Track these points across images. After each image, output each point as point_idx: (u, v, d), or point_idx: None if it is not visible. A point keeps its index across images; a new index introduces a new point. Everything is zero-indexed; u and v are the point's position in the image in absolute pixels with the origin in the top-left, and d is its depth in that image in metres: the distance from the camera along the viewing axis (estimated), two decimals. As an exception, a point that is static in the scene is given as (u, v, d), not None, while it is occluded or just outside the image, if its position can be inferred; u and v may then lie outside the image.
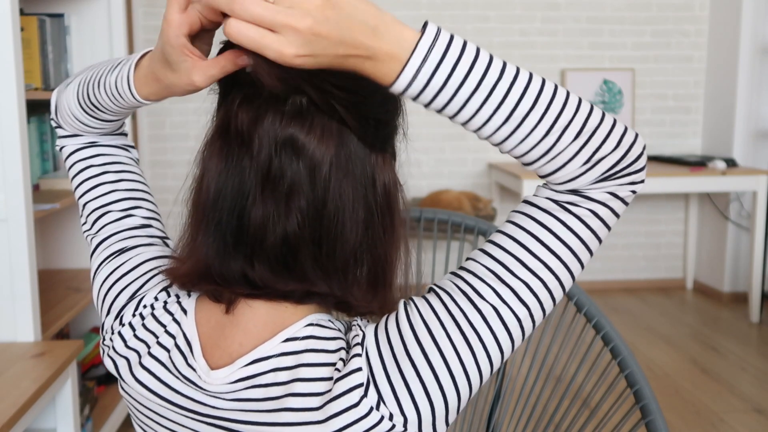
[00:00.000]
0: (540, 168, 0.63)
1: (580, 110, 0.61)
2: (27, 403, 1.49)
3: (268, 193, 0.63)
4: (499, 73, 0.59)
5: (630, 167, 0.63)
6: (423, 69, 0.57)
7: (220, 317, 0.69)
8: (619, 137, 0.62)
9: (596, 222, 0.64)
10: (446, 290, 0.65)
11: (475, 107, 0.58)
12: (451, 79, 0.57)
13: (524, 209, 0.66)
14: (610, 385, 1.07)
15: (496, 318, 0.63)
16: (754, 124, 3.93)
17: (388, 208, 0.68)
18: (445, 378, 0.62)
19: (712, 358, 3.19)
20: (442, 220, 1.26)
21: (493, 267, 0.64)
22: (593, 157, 0.61)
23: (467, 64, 0.57)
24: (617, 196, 0.64)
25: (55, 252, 2.57)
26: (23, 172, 1.75)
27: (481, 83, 0.58)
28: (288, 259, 0.64)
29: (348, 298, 0.67)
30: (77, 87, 0.78)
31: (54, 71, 2.30)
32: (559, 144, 0.60)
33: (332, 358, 0.64)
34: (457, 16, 4.03)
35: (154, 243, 0.79)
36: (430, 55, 0.56)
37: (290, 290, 0.66)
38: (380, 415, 0.62)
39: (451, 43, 0.57)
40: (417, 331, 0.63)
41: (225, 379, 0.66)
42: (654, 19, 4.16)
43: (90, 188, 0.81)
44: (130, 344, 0.71)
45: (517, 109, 0.59)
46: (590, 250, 0.65)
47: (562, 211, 0.64)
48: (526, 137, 0.60)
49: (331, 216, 0.64)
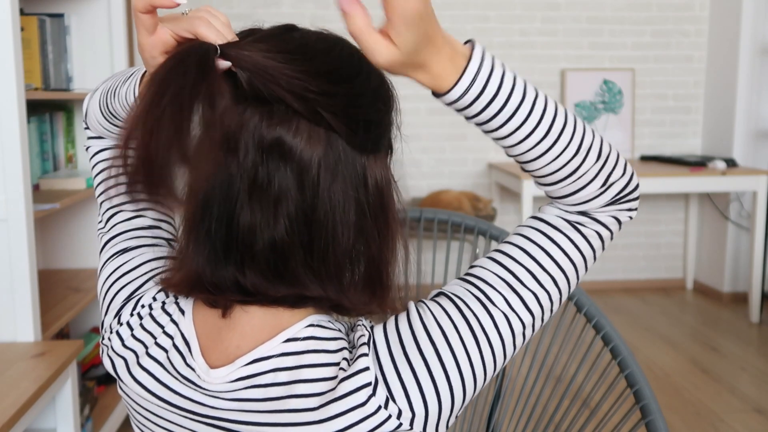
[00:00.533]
0: (561, 188, 0.67)
1: (595, 137, 0.67)
2: (27, 403, 1.49)
3: (256, 200, 0.62)
4: (535, 90, 0.64)
5: (632, 193, 0.70)
6: (478, 77, 0.61)
7: (217, 320, 0.68)
8: (624, 163, 0.69)
9: (598, 242, 0.70)
10: (458, 295, 0.67)
11: (520, 120, 0.62)
12: (501, 90, 0.61)
13: (535, 224, 0.70)
14: (610, 385, 1.07)
15: (505, 324, 0.66)
16: (754, 124, 3.93)
17: (381, 208, 0.67)
18: (455, 376, 0.64)
19: (712, 358, 3.19)
20: (442, 220, 1.26)
21: (505, 276, 0.67)
22: (608, 181, 0.67)
23: (511, 78, 0.62)
24: (618, 220, 0.70)
25: (55, 252, 2.57)
26: (23, 172, 1.75)
27: (525, 96, 0.62)
28: (279, 265, 0.64)
29: (343, 301, 0.67)
30: (101, 94, 0.81)
31: (54, 71, 2.30)
32: (584, 164, 0.65)
33: (334, 358, 0.64)
34: (457, 16, 4.03)
35: (159, 244, 0.79)
36: (483, 64, 0.61)
37: (283, 296, 0.65)
38: (387, 413, 0.62)
39: (495, 61, 0.62)
40: (430, 329, 0.65)
41: (225, 378, 0.66)
42: (654, 19, 4.16)
43: (108, 188, 0.83)
44: (127, 344, 0.71)
45: (554, 125, 0.63)
46: (587, 268, 0.71)
47: (572, 229, 0.69)
48: (559, 155, 0.64)
49: (321, 220, 0.63)
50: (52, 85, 2.29)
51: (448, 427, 0.65)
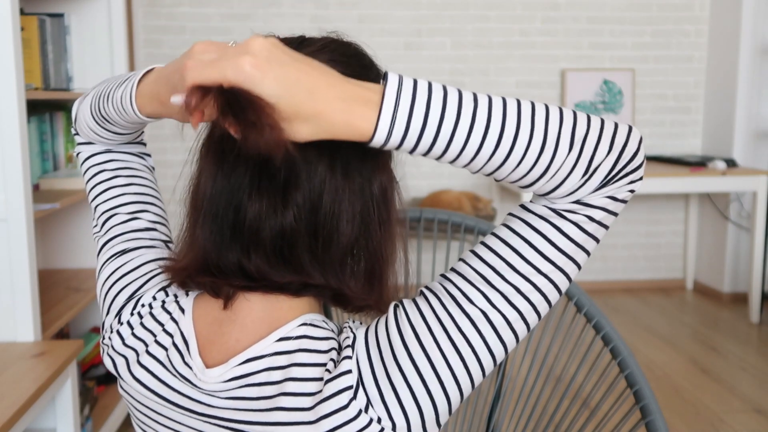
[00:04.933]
0: (540, 188, 0.61)
1: (564, 120, 0.59)
2: (27, 403, 1.49)
3: (264, 187, 0.64)
4: (473, 101, 0.57)
5: (627, 167, 0.61)
6: (397, 115, 0.56)
7: (218, 313, 0.69)
8: (611, 139, 0.60)
9: (592, 225, 0.63)
10: (435, 293, 0.65)
11: (461, 141, 0.57)
12: (429, 119, 0.56)
13: (519, 213, 0.65)
14: (610, 385, 1.07)
15: (485, 322, 0.62)
16: (754, 124, 3.93)
17: (384, 203, 0.68)
18: (434, 383, 0.62)
19: (712, 358, 3.19)
20: (442, 220, 1.26)
21: (483, 271, 0.63)
22: (590, 166, 0.59)
23: (439, 100, 0.57)
24: (616, 198, 0.62)
25: (55, 252, 2.57)
26: (23, 172, 1.75)
27: (460, 114, 0.57)
28: (284, 251, 0.65)
29: (344, 290, 0.68)
30: (92, 99, 0.81)
31: (54, 71, 2.30)
32: (555, 160, 0.59)
33: (323, 359, 0.65)
34: (457, 16, 4.03)
35: (156, 246, 0.80)
36: (400, 99, 0.56)
37: (287, 282, 0.66)
38: (369, 417, 0.62)
39: (417, 86, 0.57)
40: (405, 336, 0.63)
41: (219, 377, 0.66)
42: (654, 19, 4.16)
43: (101, 192, 0.83)
44: (128, 342, 0.72)
45: (504, 131, 0.57)
46: (586, 251, 0.64)
47: (558, 217, 0.63)
48: (521, 160, 0.58)
49: (327, 208, 0.65)
50: (52, 84, 2.29)
51: (440, 426, 0.64)
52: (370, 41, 0.70)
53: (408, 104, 0.56)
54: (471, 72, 4.06)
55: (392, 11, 4.00)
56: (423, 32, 4.03)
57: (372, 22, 3.99)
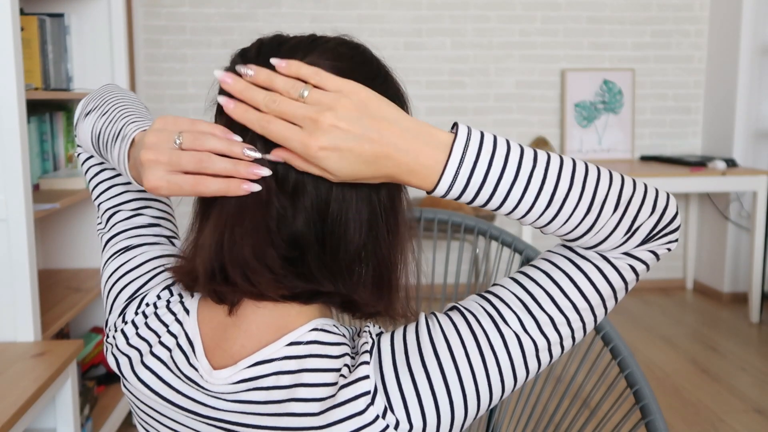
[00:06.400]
0: (586, 242, 0.65)
1: (613, 183, 0.63)
2: (27, 402, 1.49)
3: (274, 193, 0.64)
4: (533, 161, 0.61)
5: (667, 228, 0.66)
6: (461, 170, 0.59)
7: (223, 318, 0.69)
8: (653, 202, 0.65)
9: (631, 275, 0.67)
10: (471, 311, 0.66)
11: (516, 198, 0.61)
12: (489, 176, 0.60)
13: (562, 251, 0.68)
14: (610, 385, 1.07)
15: (516, 345, 0.64)
16: (754, 124, 3.93)
17: (391, 210, 0.68)
18: (457, 392, 0.62)
19: (712, 358, 3.19)
20: (442, 220, 1.26)
21: (522, 297, 0.66)
22: (633, 226, 0.64)
23: (502, 157, 0.60)
24: (655, 253, 0.67)
25: (55, 252, 2.57)
26: (23, 172, 1.75)
27: (519, 173, 0.60)
28: (296, 260, 0.64)
29: (354, 297, 0.67)
30: (92, 130, 0.81)
31: (54, 71, 2.30)
32: (600, 219, 0.62)
33: (336, 364, 0.64)
34: (457, 16, 4.03)
35: (160, 242, 0.80)
36: (466, 155, 0.59)
37: (299, 292, 0.66)
38: (385, 423, 0.61)
39: (483, 140, 0.60)
40: (436, 343, 0.64)
41: (227, 379, 0.66)
42: (654, 19, 4.16)
43: (104, 189, 0.84)
44: (132, 342, 0.71)
45: (556, 192, 0.61)
46: (617, 299, 0.68)
47: (601, 259, 0.66)
48: (569, 218, 0.62)
49: (334, 215, 0.64)
50: (52, 85, 2.29)
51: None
52: (370, 41, 0.70)
53: (472, 160, 0.59)
54: (471, 72, 4.06)
55: (392, 11, 4.00)
56: (423, 32, 4.03)
57: (372, 22, 3.99)
